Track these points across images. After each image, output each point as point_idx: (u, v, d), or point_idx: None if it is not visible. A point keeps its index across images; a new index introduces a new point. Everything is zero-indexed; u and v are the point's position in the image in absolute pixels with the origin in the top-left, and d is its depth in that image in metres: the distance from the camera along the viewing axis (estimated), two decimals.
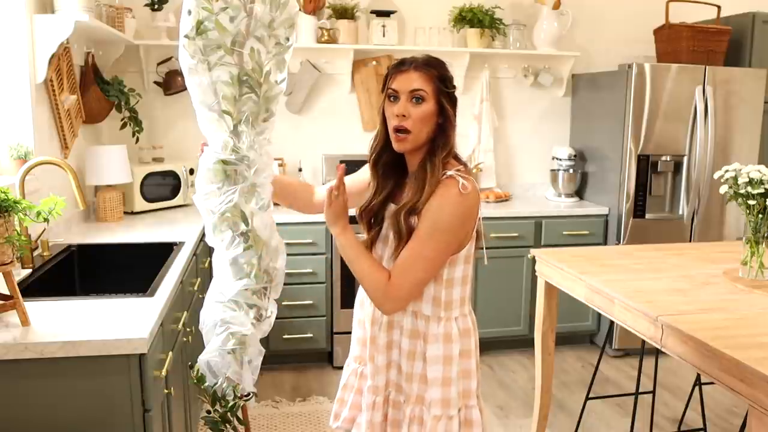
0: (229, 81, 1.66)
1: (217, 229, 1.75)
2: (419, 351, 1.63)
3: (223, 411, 1.78)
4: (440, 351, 1.60)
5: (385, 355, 1.66)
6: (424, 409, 1.62)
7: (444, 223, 1.52)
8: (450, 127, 1.58)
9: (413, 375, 1.64)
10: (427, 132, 1.57)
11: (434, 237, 1.52)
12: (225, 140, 1.71)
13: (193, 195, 1.79)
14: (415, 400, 1.64)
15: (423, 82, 1.55)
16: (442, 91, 1.57)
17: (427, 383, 1.61)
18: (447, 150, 1.58)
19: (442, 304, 1.61)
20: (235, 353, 1.77)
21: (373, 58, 4.02)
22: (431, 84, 1.55)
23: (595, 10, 4.30)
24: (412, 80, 1.55)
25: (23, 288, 1.92)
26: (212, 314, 1.80)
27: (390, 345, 1.67)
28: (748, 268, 2.23)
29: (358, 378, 1.78)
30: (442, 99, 1.56)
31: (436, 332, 1.61)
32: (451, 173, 1.54)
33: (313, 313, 3.62)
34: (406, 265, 1.54)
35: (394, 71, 1.59)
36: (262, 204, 1.76)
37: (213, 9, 1.61)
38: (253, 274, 1.75)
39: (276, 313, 1.89)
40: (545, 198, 4.30)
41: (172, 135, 3.88)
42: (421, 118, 1.54)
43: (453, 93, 1.60)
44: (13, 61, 2.54)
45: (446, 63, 1.64)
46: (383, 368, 1.67)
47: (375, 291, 1.56)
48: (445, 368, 1.60)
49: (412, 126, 1.55)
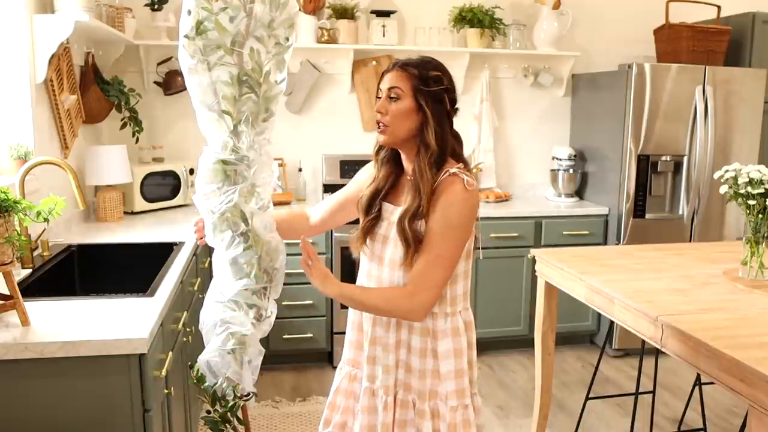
0: (228, 81, 1.66)
1: (217, 229, 1.75)
2: (430, 348, 1.65)
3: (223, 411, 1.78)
4: (450, 345, 1.64)
5: (394, 354, 1.67)
6: (440, 402, 1.65)
7: (455, 220, 1.55)
8: (428, 126, 1.60)
9: (426, 371, 1.65)
10: (408, 128, 1.60)
11: (448, 235, 1.55)
12: (225, 140, 1.71)
13: (193, 195, 1.79)
14: (429, 395, 1.66)
15: (399, 80, 1.59)
16: (420, 90, 1.59)
17: (441, 378, 1.64)
18: (431, 150, 1.59)
19: (448, 300, 1.64)
20: (234, 353, 1.77)
21: (373, 58, 4.02)
22: (408, 82, 1.59)
23: (595, 10, 4.30)
24: (391, 79, 1.61)
25: (23, 288, 1.92)
26: (212, 314, 1.80)
27: (398, 344, 1.67)
28: (748, 268, 2.23)
29: (351, 382, 1.78)
30: (419, 97, 1.59)
31: (444, 328, 1.64)
32: (454, 171, 1.57)
33: (313, 313, 3.62)
34: (428, 269, 1.56)
35: (383, 72, 1.65)
36: (261, 204, 1.76)
37: (213, 9, 1.61)
38: (252, 274, 1.75)
39: (276, 312, 1.89)
40: (545, 198, 4.30)
41: (172, 135, 3.88)
42: (396, 114, 1.59)
43: (437, 92, 1.60)
44: (13, 61, 2.54)
45: (441, 63, 1.66)
46: (392, 368, 1.67)
47: (398, 308, 1.59)
48: (456, 361, 1.64)
49: (389, 122, 1.60)
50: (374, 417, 1.69)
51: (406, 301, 1.57)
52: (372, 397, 1.70)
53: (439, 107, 1.60)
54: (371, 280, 1.71)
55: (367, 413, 1.70)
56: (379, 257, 1.68)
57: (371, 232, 1.69)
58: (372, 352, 1.69)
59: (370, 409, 1.70)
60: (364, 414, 1.70)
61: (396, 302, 1.58)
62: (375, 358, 1.69)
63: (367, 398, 1.70)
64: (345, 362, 1.82)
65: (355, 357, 1.78)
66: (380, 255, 1.68)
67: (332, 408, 1.81)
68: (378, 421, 1.68)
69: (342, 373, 1.82)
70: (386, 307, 1.60)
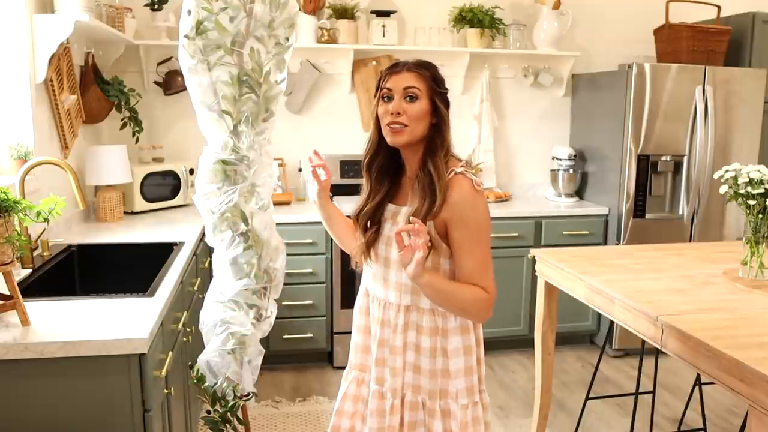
0: (228, 81, 1.66)
1: (217, 229, 1.75)
2: (440, 347, 1.65)
3: (223, 411, 1.78)
4: (460, 343, 1.65)
5: (401, 356, 1.66)
6: (450, 401, 1.65)
7: (483, 219, 1.58)
8: (445, 127, 1.62)
9: (436, 371, 1.65)
10: (422, 130, 1.60)
11: (483, 235, 1.58)
12: (225, 140, 1.71)
13: (193, 195, 1.79)
14: (440, 394, 1.66)
15: (416, 81, 1.58)
16: (436, 91, 1.60)
17: (450, 376, 1.64)
18: (445, 149, 1.62)
19: None
20: (234, 353, 1.77)
21: (373, 58, 4.02)
22: (425, 83, 1.59)
23: (595, 10, 4.30)
24: (405, 79, 1.58)
25: (23, 288, 1.92)
26: (212, 314, 1.81)
27: (406, 347, 1.66)
28: (748, 268, 2.23)
29: (359, 386, 1.77)
30: (435, 98, 1.60)
31: (454, 325, 1.64)
32: (459, 170, 1.58)
33: (313, 313, 3.62)
34: (482, 271, 1.57)
35: (387, 73, 1.62)
36: (262, 204, 1.76)
37: (213, 9, 1.61)
38: (252, 274, 1.76)
39: (276, 313, 1.89)
40: (545, 198, 4.30)
41: (172, 135, 3.88)
42: (417, 115, 1.58)
43: (445, 94, 1.63)
44: (13, 61, 2.54)
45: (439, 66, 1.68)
46: (400, 370, 1.66)
47: (480, 311, 1.58)
48: (466, 358, 1.65)
49: (407, 121, 1.58)
50: (383, 420, 1.68)
51: (487, 305, 1.57)
52: (381, 399, 1.69)
53: (447, 109, 1.63)
54: (377, 281, 1.70)
55: (377, 416, 1.69)
56: (385, 258, 1.66)
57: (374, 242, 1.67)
58: (380, 354, 1.68)
59: (380, 412, 1.68)
60: (373, 417, 1.69)
61: (482, 305, 1.57)
62: (383, 360, 1.68)
63: (376, 401, 1.69)
64: (352, 367, 1.80)
65: (362, 361, 1.77)
66: (386, 256, 1.66)
67: (340, 414, 1.78)
68: (386, 424, 1.67)
69: (349, 378, 1.80)
70: (473, 308, 1.58)
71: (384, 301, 1.68)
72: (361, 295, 1.79)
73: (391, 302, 1.66)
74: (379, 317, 1.69)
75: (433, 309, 1.64)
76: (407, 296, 1.64)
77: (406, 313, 1.65)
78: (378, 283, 1.70)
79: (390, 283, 1.66)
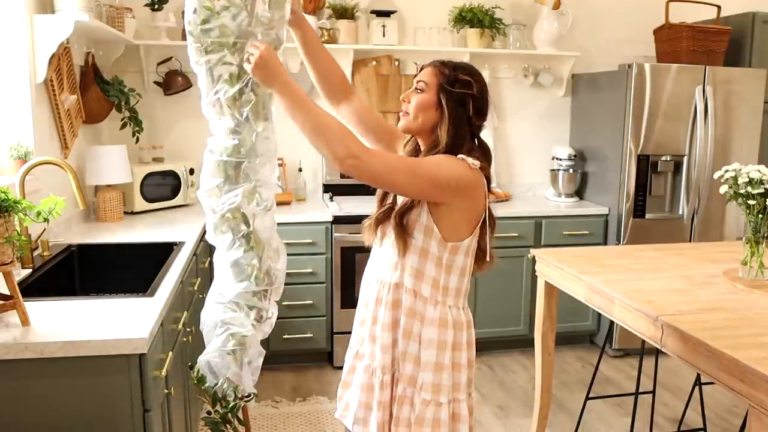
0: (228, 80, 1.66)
1: (218, 230, 1.75)
2: (415, 332, 1.66)
3: (224, 412, 1.78)
4: (435, 335, 1.65)
5: (390, 333, 1.68)
6: (415, 391, 1.66)
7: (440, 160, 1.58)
8: (442, 123, 1.63)
9: (407, 354, 1.67)
10: (423, 121, 1.65)
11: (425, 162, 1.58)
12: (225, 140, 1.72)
13: (197, 191, 1.79)
14: (408, 381, 1.67)
15: (429, 76, 1.65)
16: (444, 88, 1.62)
17: (420, 366, 1.65)
18: (440, 148, 1.62)
19: (440, 288, 1.65)
20: (235, 354, 1.77)
21: (373, 58, 4.02)
22: (435, 79, 1.64)
23: (595, 10, 4.30)
24: (422, 73, 1.67)
25: (23, 288, 1.92)
26: (212, 315, 1.81)
27: (395, 324, 1.68)
28: (748, 268, 2.23)
29: (355, 359, 1.81)
30: (441, 94, 1.62)
31: (433, 315, 1.65)
32: (461, 156, 1.60)
33: (313, 313, 3.62)
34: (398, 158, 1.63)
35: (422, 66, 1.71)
36: (264, 205, 1.77)
37: (215, 8, 1.61)
38: (254, 275, 1.76)
39: (277, 314, 1.89)
40: (545, 198, 4.30)
41: (172, 135, 3.88)
42: (417, 104, 1.65)
43: (460, 94, 1.62)
44: (13, 61, 2.54)
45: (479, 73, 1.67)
46: (389, 347, 1.68)
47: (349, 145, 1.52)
48: (438, 353, 1.64)
49: (409, 109, 1.66)
50: (371, 395, 1.71)
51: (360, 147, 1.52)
52: (371, 375, 1.72)
53: (459, 110, 1.63)
54: (376, 258, 1.75)
55: (365, 390, 1.72)
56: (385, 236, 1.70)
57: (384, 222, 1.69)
58: (372, 331, 1.72)
59: (368, 387, 1.72)
60: (361, 391, 1.73)
61: (351, 138, 1.54)
62: (374, 337, 1.71)
63: (366, 376, 1.72)
64: (353, 341, 1.85)
65: (360, 334, 1.81)
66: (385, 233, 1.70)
67: (344, 386, 1.84)
68: (375, 399, 1.70)
69: (351, 352, 1.85)
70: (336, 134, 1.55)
71: (379, 279, 1.72)
72: (368, 270, 1.82)
73: (385, 280, 1.70)
74: (374, 294, 1.73)
75: (415, 291, 1.65)
76: (396, 273, 1.67)
77: (395, 291, 1.67)
78: (376, 260, 1.75)
79: (385, 263, 1.70)
